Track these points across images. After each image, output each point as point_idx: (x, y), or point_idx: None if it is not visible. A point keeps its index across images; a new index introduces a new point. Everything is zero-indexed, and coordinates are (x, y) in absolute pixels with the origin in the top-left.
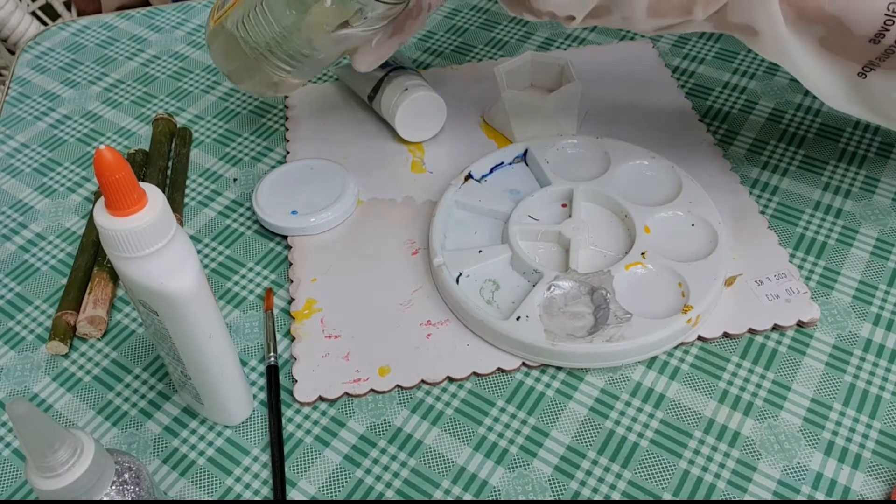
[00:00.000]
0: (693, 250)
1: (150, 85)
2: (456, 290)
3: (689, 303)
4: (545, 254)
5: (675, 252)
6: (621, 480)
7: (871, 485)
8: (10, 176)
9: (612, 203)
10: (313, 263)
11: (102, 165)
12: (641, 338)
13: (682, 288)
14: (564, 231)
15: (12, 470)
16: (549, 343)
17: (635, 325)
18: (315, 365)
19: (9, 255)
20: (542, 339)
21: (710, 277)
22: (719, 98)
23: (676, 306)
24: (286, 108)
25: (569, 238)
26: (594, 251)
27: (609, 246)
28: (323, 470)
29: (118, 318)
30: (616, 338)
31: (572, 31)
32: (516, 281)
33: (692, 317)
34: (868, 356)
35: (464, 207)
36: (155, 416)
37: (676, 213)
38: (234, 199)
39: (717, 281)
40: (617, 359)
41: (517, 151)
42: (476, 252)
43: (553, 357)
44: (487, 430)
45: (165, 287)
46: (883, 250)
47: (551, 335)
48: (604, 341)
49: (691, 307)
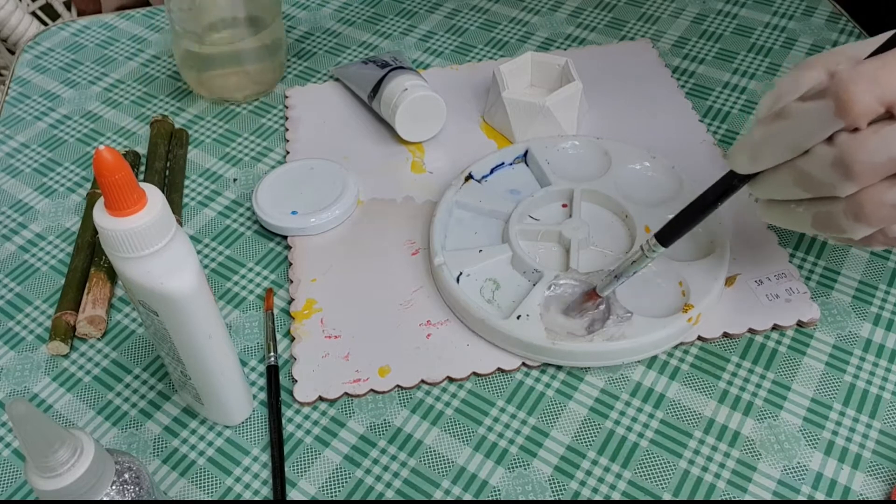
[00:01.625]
0: (693, 250)
1: (149, 85)
2: (456, 290)
3: (689, 302)
4: (546, 254)
5: (676, 252)
6: (621, 480)
7: (871, 485)
8: (10, 176)
9: (612, 203)
10: (313, 263)
11: (102, 165)
12: (642, 337)
13: (683, 287)
14: (565, 231)
15: (12, 470)
16: (549, 342)
17: (636, 323)
18: (315, 365)
19: (9, 255)
20: (543, 337)
21: (710, 277)
22: (719, 98)
23: (677, 305)
24: (286, 108)
25: (569, 238)
26: (594, 251)
27: (609, 246)
28: (323, 470)
29: (118, 318)
30: (617, 337)
31: (572, 31)
32: (517, 280)
33: (693, 315)
34: (868, 356)
35: (464, 207)
36: (155, 416)
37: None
38: (234, 199)
39: (717, 281)
40: (617, 357)
41: (518, 152)
42: (476, 252)
43: (553, 356)
44: (487, 430)
45: (165, 287)
46: (883, 250)
47: (552, 334)
48: (604, 340)
49: (692, 306)
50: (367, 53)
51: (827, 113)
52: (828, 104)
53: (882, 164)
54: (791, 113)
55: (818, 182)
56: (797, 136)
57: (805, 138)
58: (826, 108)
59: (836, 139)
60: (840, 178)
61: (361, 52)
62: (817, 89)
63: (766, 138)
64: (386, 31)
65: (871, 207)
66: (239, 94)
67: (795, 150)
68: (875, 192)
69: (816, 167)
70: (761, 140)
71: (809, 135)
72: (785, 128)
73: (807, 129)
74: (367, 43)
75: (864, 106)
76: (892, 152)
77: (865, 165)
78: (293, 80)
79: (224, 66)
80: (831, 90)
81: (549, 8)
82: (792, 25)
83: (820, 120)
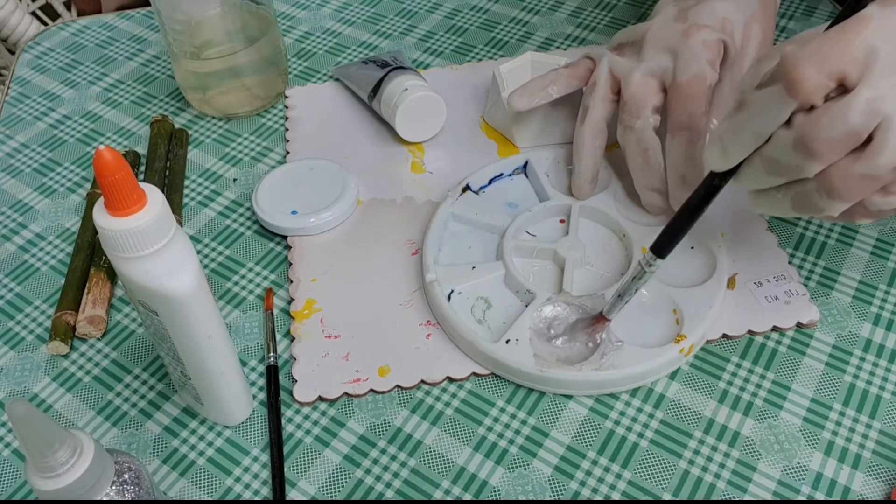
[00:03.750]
0: (690, 275)
1: (149, 85)
2: (447, 308)
3: (682, 331)
4: (540, 272)
5: (672, 277)
6: (621, 480)
7: (871, 485)
8: (10, 176)
9: (610, 221)
10: (313, 263)
11: (102, 165)
12: (632, 367)
13: (677, 315)
14: (560, 250)
15: (12, 470)
16: (537, 369)
17: (626, 353)
18: (315, 365)
19: (9, 256)
20: (531, 364)
21: (705, 306)
22: None
23: (669, 335)
24: (286, 108)
25: (564, 257)
26: (589, 271)
27: (605, 266)
28: (323, 470)
29: (118, 318)
30: (606, 366)
31: (572, 31)
32: (509, 300)
33: (685, 346)
34: (868, 356)
35: (460, 220)
36: (155, 416)
37: None
38: (234, 199)
39: (712, 309)
40: (606, 387)
41: (517, 163)
42: (469, 269)
43: (541, 383)
44: (487, 430)
45: (165, 287)
46: (883, 250)
47: (540, 360)
48: (593, 369)
49: (684, 336)
50: (367, 53)
51: (780, 96)
52: (779, 87)
53: (840, 139)
54: (748, 102)
55: (786, 166)
56: (758, 124)
57: (765, 125)
58: (778, 91)
59: (794, 121)
60: (804, 159)
61: (361, 52)
62: (769, 75)
63: (731, 131)
64: (386, 31)
65: (839, 182)
66: (241, 109)
67: (760, 138)
68: (841, 167)
69: (780, 151)
70: (727, 134)
71: (768, 121)
72: (745, 118)
73: (765, 115)
74: (367, 43)
75: (812, 83)
76: (848, 126)
77: (824, 142)
78: (293, 80)
79: (222, 81)
80: (780, 72)
81: (549, 8)
82: (792, 25)
83: (775, 104)
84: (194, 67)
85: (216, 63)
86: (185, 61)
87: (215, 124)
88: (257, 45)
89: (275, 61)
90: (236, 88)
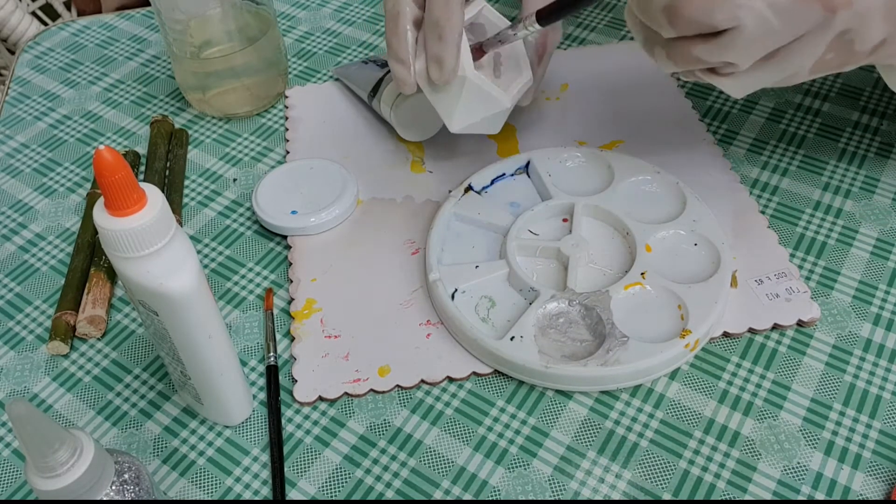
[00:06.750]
0: (694, 271)
1: (149, 85)
2: (451, 307)
3: (687, 326)
4: (543, 270)
5: (676, 273)
6: (621, 480)
7: (871, 485)
8: (9, 176)
9: (613, 219)
10: (313, 263)
11: (102, 165)
12: (637, 362)
13: (682, 311)
14: (563, 248)
15: (12, 470)
16: (542, 365)
17: (631, 348)
18: (315, 365)
19: (8, 256)
20: (536, 360)
21: (710, 301)
22: (719, 98)
23: (675, 330)
24: (286, 108)
25: (567, 255)
26: (593, 269)
27: (609, 264)
28: (323, 470)
29: (118, 318)
30: (611, 362)
31: (572, 31)
32: (513, 298)
33: (690, 342)
34: (868, 356)
35: (462, 220)
36: (155, 416)
37: (679, 232)
38: (234, 199)
39: (717, 304)
40: (611, 383)
41: (520, 163)
42: (473, 267)
43: (546, 379)
44: (487, 430)
45: (165, 287)
46: (883, 250)
47: (545, 357)
48: (598, 365)
49: (689, 332)
50: (367, 53)
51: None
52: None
53: (699, 24)
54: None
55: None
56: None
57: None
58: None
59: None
60: (664, 22)
61: (361, 52)
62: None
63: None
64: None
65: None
66: (241, 109)
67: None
68: (686, 43)
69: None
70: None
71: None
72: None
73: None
74: (367, 43)
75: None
76: (713, 20)
77: (686, 20)
78: (293, 80)
79: (222, 81)
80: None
81: None
82: None
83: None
84: (194, 67)
85: (216, 63)
86: (185, 61)
87: (215, 124)
88: (257, 45)
89: (275, 61)
90: (236, 88)
